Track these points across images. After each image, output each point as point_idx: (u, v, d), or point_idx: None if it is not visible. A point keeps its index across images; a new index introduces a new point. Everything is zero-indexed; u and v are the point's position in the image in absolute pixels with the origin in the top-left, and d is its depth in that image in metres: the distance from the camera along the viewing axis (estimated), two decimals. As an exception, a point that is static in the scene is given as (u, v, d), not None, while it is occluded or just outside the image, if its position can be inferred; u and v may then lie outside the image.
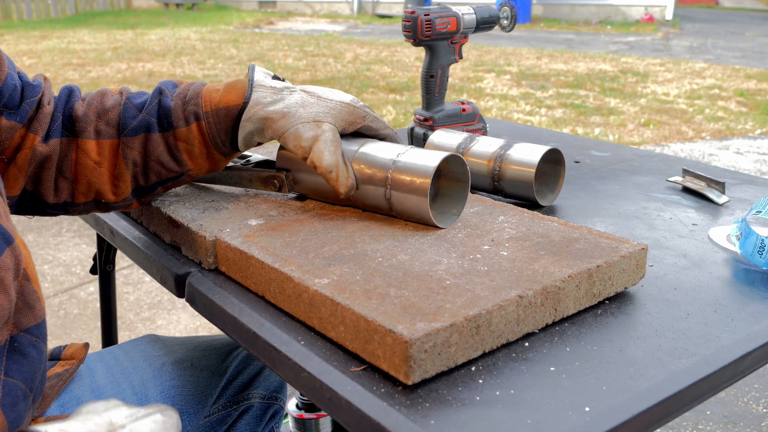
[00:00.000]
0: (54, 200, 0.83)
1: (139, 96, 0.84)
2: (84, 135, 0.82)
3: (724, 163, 4.36)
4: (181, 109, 0.82)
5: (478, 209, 0.85)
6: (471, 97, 5.95)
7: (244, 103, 0.81)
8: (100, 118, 0.82)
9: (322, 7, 14.07)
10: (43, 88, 0.82)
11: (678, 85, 6.65)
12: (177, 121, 0.81)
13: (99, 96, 0.84)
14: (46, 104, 0.81)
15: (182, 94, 0.83)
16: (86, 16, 13.21)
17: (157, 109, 0.82)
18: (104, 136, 0.82)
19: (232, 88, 0.83)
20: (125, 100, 0.83)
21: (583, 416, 0.54)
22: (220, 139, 0.82)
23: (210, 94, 0.82)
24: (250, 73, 0.84)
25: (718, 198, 1.04)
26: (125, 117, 0.82)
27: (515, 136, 1.43)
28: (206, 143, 0.82)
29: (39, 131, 0.79)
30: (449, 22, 1.20)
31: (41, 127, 0.80)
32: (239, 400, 1.07)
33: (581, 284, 0.68)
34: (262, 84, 0.83)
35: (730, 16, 14.58)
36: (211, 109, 0.81)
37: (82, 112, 0.82)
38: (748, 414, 1.98)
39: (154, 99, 0.83)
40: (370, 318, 0.59)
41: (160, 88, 0.84)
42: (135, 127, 0.81)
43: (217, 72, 7.14)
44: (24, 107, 0.78)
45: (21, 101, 0.78)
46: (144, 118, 0.82)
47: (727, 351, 0.64)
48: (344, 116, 0.83)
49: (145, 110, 0.82)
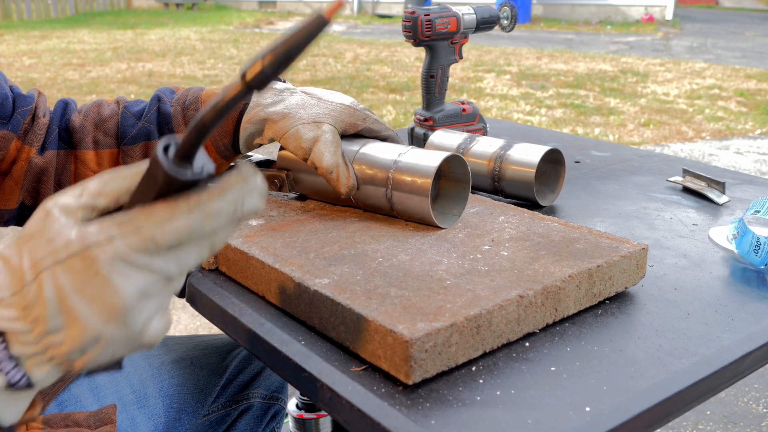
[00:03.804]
0: None
1: (136, 104, 0.84)
2: (82, 146, 0.81)
3: (724, 163, 4.36)
4: (181, 115, 0.82)
5: (479, 209, 0.85)
6: (471, 97, 5.96)
7: (245, 105, 0.81)
8: (97, 128, 0.82)
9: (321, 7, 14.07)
10: (37, 101, 0.81)
11: (678, 85, 6.65)
12: (177, 127, 0.81)
13: (95, 107, 0.84)
14: (41, 116, 0.80)
15: (181, 99, 0.83)
16: (86, 16, 13.21)
17: (157, 116, 0.82)
18: (103, 146, 0.81)
19: None
20: (122, 109, 0.83)
21: (584, 416, 0.54)
22: (222, 143, 0.82)
23: (209, 98, 0.82)
24: None
25: (718, 198, 1.04)
26: (124, 126, 0.81)
27: (515, 136, 1.43)
28: (208, 147, 0.82)
29: (35, 143, 0.79)
30: (449, 22, 1.20)
31: (36, 140, 0.80)
32: (239, 399, 1.07)
33: (582, 284, 0.68)
34: None
35: (730, 16, 14.58)
36: None
37: (79, 123, 0.82)
38: (748, 414, 1.98)
39: (153, 106, 0.82)
40: (370, 318, 0.59)
41: (158, 96, 0.84)
42: (135, 136, 0.81)
43: (217, 72, 7.14)
44: (16, 117, 0.78)
45: (13, 111, 0.78)
46: (143, 126, 0.81)
47: (728, 351, 0.64)
48: (344, 118, 0.83)
49: (144, 118, 0.82)
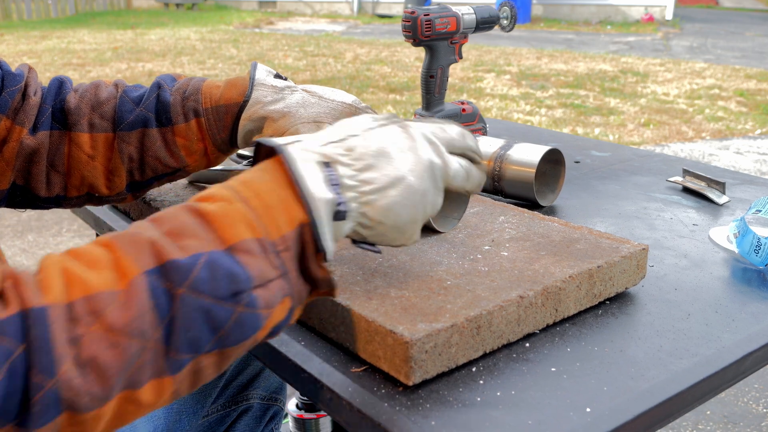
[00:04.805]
0: (46, 194, 0.81)
1: (135, 89, 0.82)
2: (77, 128, 0.80)
3: (724, 163, 4.36)
4: (180, 105, 0.80)
5: (479, 209, 0.85)
6: (471, 97, 5.95)
7: (244, 102, 0.80)
8: (93, 110, 0.80)
9: (322, 7, 14.07)
10: (27, 78, 0.80)
11: (678, 85, 6.65)
12: (176, 117, 0.80)
13: (92, 88, 0.82)
14: (32, 95, 0.79)
15: (181, 89, 0.81)
16: (86, 16, 13.21)
17: (156, 104, 0.80)
18: (98, 129, 0.80)
19: (233, 85, 0.82)
20: (121, 94, 0.81)
21: (584, 417, 0.53)
22: (219, 137, 0.82)
23: (210, 90, 0.81)
24: (252, 71, 0.83)
25: (718, 198, 1.04)
26: (121, 111, 0.80)
27: (515, 136, 1.43)
28: (205, 140, 0.81)
29: (26, 123, 0.78)
30: (449, 22, 1.20)
31: (28, 119, 0.78)
32: (238, 400, 1.07)
33: (582, 284, 0.68)
34: (263, 83, 0.82)
35: (730, 16, 14.58)
36: (211, 106, 0.80)
37: (75, 104, 0.80)
38: (748, 414, 1.98)
39: (152, 93, 0.81)
40: (370, 318, 0.58)
41: (158, 83, 0.82)
42: (132, 122, 0.80)
43: (217, 72, 7.14)
44: (4, 97, 0.76)
45: (1, 91, 0.77)
46: (141, 112, 0.80)
47: (728, 351, 0.64)
48: (345, 117, 0.82)
49: (143, 104, 0.80)
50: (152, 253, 0.46)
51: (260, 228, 0.49)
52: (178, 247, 0.47)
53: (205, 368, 0.48)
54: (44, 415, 0.42)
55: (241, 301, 0.47)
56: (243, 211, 0.49)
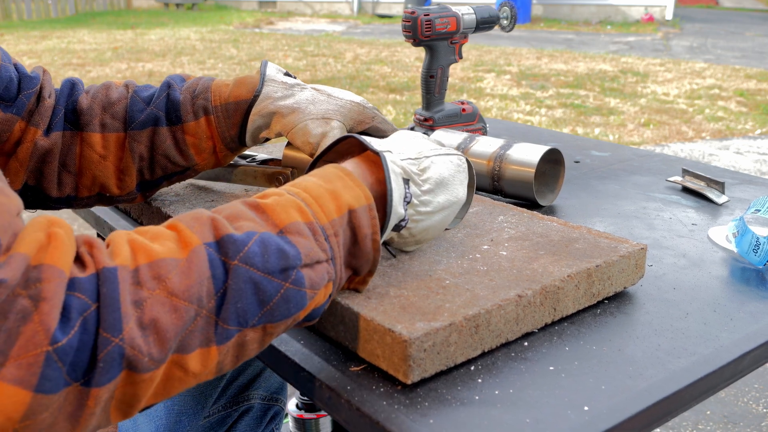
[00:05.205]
0: (57, 194, 0.82)
1: (146, 89, 0.83)
2: (89, 128, 0.81)
3: (724, 163, 4.36)
4: (190, 103, 0.81)
5: (478, 209, 0.85)
6: (471, 97, 5.96)
7: (254, 97, 0.81)
8: (105, 111, 0.81)
9: (322, 7, 14.08)
10: (42, 80, 0.81)
11: (678, 85, 6.65)
12: (186, 115, 0.81)
13: (103, 89, 0.83)
14: (46, 97, 0.80)
15: (191, 88, 0.83)
16: (86, 16, 13.21)
17: (166, 103, 0.81)
18: (110, 129, 0.81)
19: (242, 83, 0.83)
20: (132, 94, 0.82)
21: (582, 415, 0.54)
22: (228, 134, 0.82)
23: (219, 89, 0.82)
24: (263, 68, 0.84)
25: (717, 198, 1.04)
26: (132, 110, 0.81)
27: (515, 136, 1.43)
28: (215, 137, 0.82)
29: (40, 124, 0.79)
30: (449, 22, 1.20)
31: (42, 121, 0.79)
32: (239, 400, 1.07)
33: (580, 284, 0.68)
34: (273, 79, 0.83)
35: (730, 16, 14.58)
36: (221, 104, 0.81)
37: (87, 105, 0.81)
38: (748, 414, 1.98)
39: (162, 92, 0.82)
40: (369, 317, 0.59)
41: (168, 82, 0.83)
42: (143, 121, 0.81)
43: (217, 72, 7.15)
44: (21, 99, 0.77)
45: (18, 93, 0.77)
46: (152, 111, 0.81)
47: (726, 350, 0.64)
48: (353, 115, 0.83)
49: (153, 103, 0.81)
50: (212, 228, 0.50)
51: (310, 213, 0.55)
52: (234, 227, 0.51)
53: (249, 343, 0.51)
54: (107, 373, 0.44)
55: (288, 278, 0.51)
56: (294, 199, 0.55)
